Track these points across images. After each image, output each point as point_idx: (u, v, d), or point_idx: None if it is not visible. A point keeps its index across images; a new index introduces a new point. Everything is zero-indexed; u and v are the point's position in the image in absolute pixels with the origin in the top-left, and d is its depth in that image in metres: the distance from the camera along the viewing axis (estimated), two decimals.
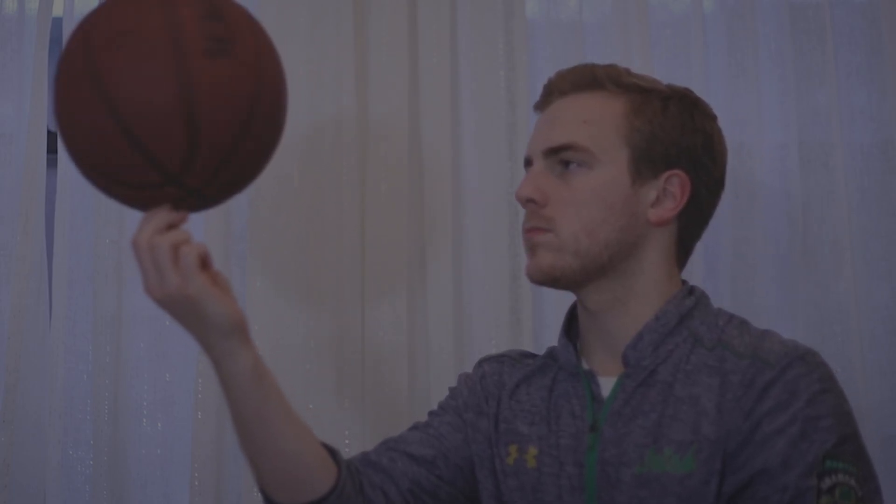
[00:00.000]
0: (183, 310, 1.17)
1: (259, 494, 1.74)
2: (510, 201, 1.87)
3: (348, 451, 1.71)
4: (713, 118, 1.34)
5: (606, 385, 1.28)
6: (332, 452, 1.31)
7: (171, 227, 1.17)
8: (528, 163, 1.33)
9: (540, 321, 1.89)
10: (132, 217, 1.85)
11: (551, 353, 1.39)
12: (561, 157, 1.28)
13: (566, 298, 1.83)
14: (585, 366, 1.32)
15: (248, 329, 1.21)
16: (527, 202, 1.29)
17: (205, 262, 1.17)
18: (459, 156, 1.88)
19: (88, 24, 1.17)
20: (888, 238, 1.89)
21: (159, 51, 1.12)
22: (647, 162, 1.28)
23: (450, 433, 1.37)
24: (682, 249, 1.32)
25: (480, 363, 1.44)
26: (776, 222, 1.88)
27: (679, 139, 1.29)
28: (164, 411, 1.85)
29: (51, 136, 1.88)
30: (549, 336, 1.88)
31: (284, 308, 1.82)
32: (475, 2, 1.89)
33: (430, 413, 1.42)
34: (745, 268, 1.87)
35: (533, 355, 1.43)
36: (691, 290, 1.31)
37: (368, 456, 1.36)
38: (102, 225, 1.84)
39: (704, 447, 1.20)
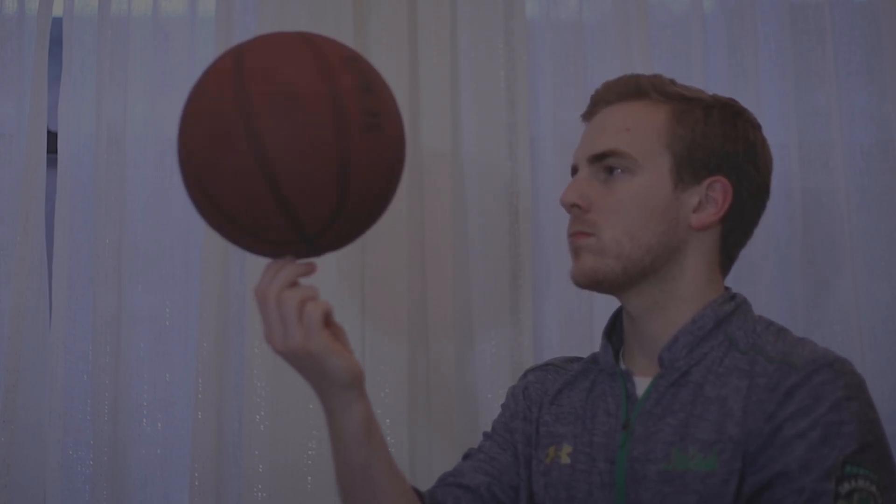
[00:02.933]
0: (303, 363, 1.20)
1: (259, 494, 1.77)
2: (510, 201, 1.87)
3: None
4: (757, 127, 1.36)
5: (642, 385, 1.31)
6: (421, 496, 1.35)
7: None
8: (575, 170, 1.36)
9: (540, 321, 1.89)
10: (132, 217, 1.86)
11: (594, 357, 1.41)
12: (604, 163, 1.31)
13: (566, 300, 1.84)
14: (623, 366, 1.34)
15: (364, 382, 1.23)
16: (571, 207, 1.32)
17: (327, 318, 1.19)
18: (459, 156, 1.88)
19: (241, 68, 1.13)
20: (888, 238, 1.89)
21: (324, 123, 1.11)
22: (689, 168, 1.30)
23: (499, 454, 1.40)
24: (726, 255, 1.34)
25: (526, 374, 1.47)
26: (776, 222, 1.88)
27: (721, 147, 1.31)
28: (164, 411, 1.85)
29: (51, 136, 1.88)
30: (549, 336, 1.88)
31: None
32: (475, 2, 1.89)
33: (484, 434, 1.45)
34: (745, 268, 1.86)
35: (579, 359, 1.45)
36: (733, 297, 1.33)
37: (435, 495, 1.37)
38: (102, 225, 1.84)
39: (727, 447, 1.21)
